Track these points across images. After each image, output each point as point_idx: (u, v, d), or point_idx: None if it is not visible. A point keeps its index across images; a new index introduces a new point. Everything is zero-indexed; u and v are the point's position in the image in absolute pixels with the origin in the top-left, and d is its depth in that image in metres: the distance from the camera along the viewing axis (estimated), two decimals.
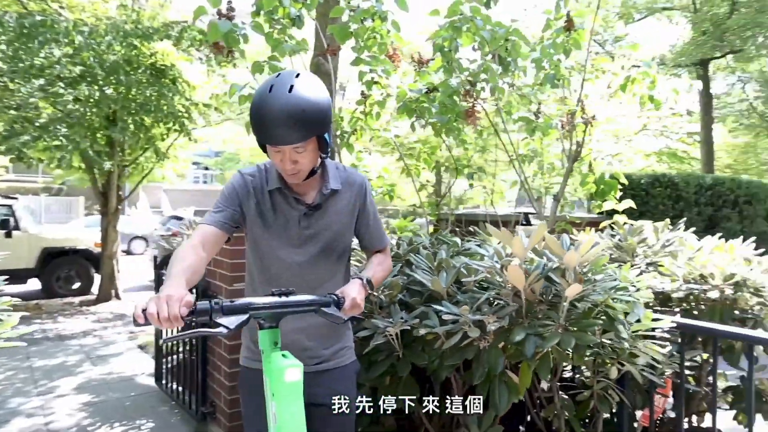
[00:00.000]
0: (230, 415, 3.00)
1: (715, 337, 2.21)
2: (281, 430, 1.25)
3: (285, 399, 1.26)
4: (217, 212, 1.62)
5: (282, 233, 1.65)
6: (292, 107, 1.44)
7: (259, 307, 1.31)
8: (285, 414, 1.25)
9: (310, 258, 1.66)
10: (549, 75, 2.99)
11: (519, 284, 1.74)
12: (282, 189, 1.63)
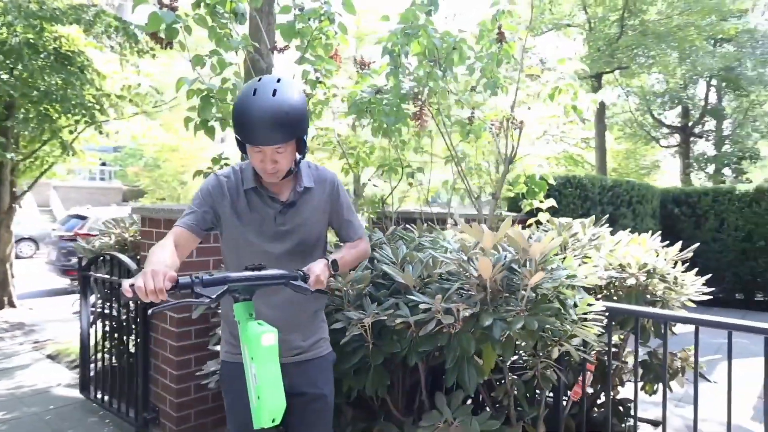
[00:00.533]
0: (178, 418, 2.92)
1: (637, 317, 2.55)
2: (262, 388, 1.34)
3: (263, 360, 1.36)
4: (189, 215, 1.69)
5: (258, 229, 1.71)
6: (276, 110, 1.53)
7: (236, 279, 1.41)
8: (264, 374, 1.35)
9: (285, 252, 1.73)
10: (490, 82, 3.23)
11: (486, 274, 1.91)
12: (257, 188, 1.71)
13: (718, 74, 17.11)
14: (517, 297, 2.02)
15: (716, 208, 7.92)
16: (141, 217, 3.23)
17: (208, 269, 3.03)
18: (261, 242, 1.71)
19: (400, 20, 3.07)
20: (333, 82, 3.67)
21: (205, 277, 1.38)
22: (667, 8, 10.88)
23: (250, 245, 1.71)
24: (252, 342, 1.37)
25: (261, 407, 1.35)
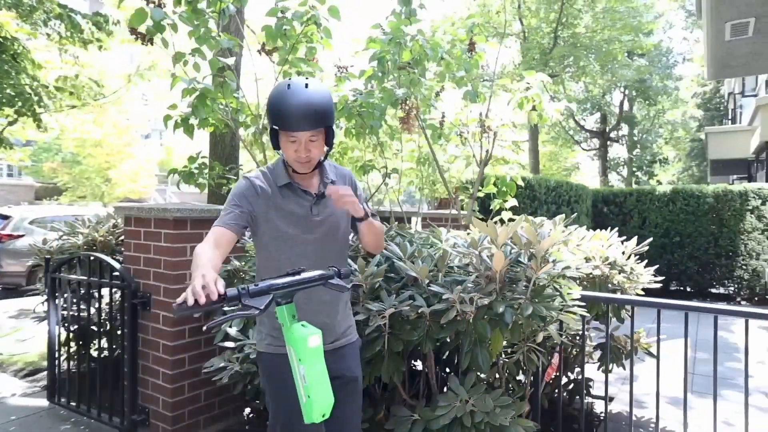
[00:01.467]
0: (173, 418, 2.91)
1: (607, 303, 2.90)
2: (311, 388, 1.45)
3: (311, 361, 1.46)
4: (227, 214, 1.80)
5: (297, 221, 1.85)
6: (310, 99, 1.72)
7: (280, 287, 1.49)
8: (312, 374, 1.45)
9: (321, 240, 1.88)
10: (470, 91, 3.47)
11: (498, 266, 2.13)
12: (291, 183, 1.85)
13: (632, 85, 18.73)
14: (518, 287, 2.26)
15: (639, 207, 8.76)
16: (125, 217, 3.17)
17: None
18: (300, 232, 1.84)
19: (392, 30, 3.23)
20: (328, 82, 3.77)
21: (252, 288, 1.42)
22: (593, 23, 11.85)
23: (290, 237, 1.84)
24: (299, 344, 1.46)
25: (311, 405, 1.44)
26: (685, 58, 24.41)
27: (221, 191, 4.24)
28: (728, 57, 4.48)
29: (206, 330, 1.60)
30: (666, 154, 26.25)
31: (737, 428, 3.29)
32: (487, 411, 2.10)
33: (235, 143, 4.67)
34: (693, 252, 8.37)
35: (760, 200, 8.23)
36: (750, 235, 8.21)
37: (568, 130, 22.14)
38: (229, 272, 2.98)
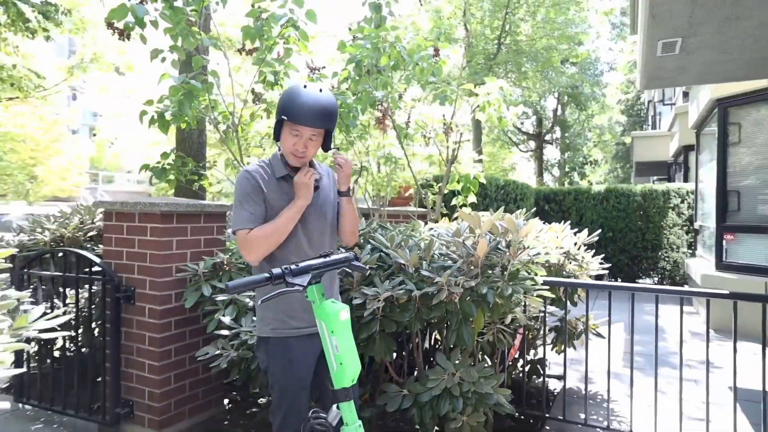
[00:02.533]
0: (161, 408, 2.97)
1: (566, 287, 3.25)
2: (343, 356, 1.64)
3: (342, 333, 1.66)
4: (252, 214, 1.97)
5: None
6: (323, 100, 1.96)
7: (317, 266, 1.69)
8: (344, 344, 1.65)
9: (316, 226, 2.10)
10: (440, 94, 3.74)
11: (481, 253, 2.40)
12: (289, 175, 2.05)
13: (565, 91, 19.91)
14: (494, 271, 2.54)
15: (577, 205, 9.45)
16: (106, 212, 3.17)
17: (186, 260, 3.11)
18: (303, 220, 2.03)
19: (372, 36, 3.43)
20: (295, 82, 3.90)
21: (293, 268, 1.62)
22: (533, 32, 12.59)
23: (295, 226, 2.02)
24: (331, 318, 1.64)
25: (343, 372, 1.64)
26: (611, 67, 26.16)
27: (192, 187, 4.27)
28: (658, 70, 5.02)
29: (261, 302, 1.76)
30: (595, 157, 28.02)
31: (670, 395, 3.75)
32: (473, 381, 2.36)
33: (202, 140, 4.69)
34: (624, 246, 9.14)
35: (679, 198, 9.12)
36: (671, 230, 9.09)
37: (507, 133, 23.17)
38: (214, 265, 3.08)
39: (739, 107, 6.29)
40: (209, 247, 3.26)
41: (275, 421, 2.01)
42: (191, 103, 3.15)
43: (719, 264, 6.35)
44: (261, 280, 1.56)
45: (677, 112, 11.21)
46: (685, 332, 5.79)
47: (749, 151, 6.20)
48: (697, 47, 4.31)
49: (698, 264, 7.25)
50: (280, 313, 2.02)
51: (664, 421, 3.19)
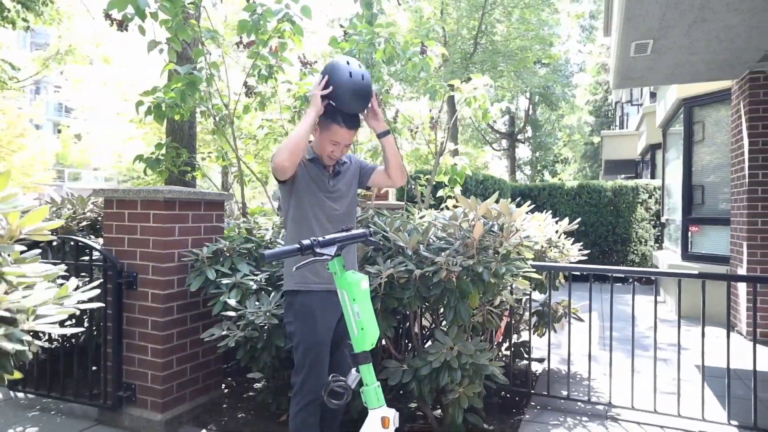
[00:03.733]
0: (163, 391, 3.05)
1: (550, 271, 3.46)
2: (364, 322, 1.80)
3: (363, 300, 1.81)
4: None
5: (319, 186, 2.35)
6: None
7: (341, 239, 1.86)
8: (365, 311, 1.81)
9: (339, 205, 2.38)
10: (430, 89, 3.90)
11: (477, 235, 2.57)
12: (316, 157, 2.38)
13: (536, 91, 20.43)
14: (488, 253, 2.72)
15: (551, 200, 9.79)
16: (106, 200, 3.22)
17: (187, 247, 3.19)
18: (323, 196, 2.33)
19: (366, 33, 3.57)
20: (287, 77, 4.01)
21: (321, 240, 1.79)
22: (509, 32, 12.93)
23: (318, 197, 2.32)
24: (353, 287, 1.80)
25: (364, 336, 1.79)
26: (581, 68, 26.91)
27: (185, 178, 4.33)
28: (630, 70, 5.31)
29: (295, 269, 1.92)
30: (565, 155, 28.77)
31: (644, 374, 4.01)
32: (470, 354, 2.53)
33: (193, 132, 4.74)
34: (595, 240, 9.52)
35: (647, 194, 9.55)
36: (640, 224, 9.51)
37: (481, 131, 23.59)
38: (215, 251, 3.17)
39: (702, 107, 6.67)
40: (209, 235, 3.34)
41: (297, 380, 2.16)
42: (194, 93, 3.22)
43: (684, 254, 6.72)
44: (293, 251, 1.71)
45: (645, 111, 11.69)
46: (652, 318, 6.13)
47: (711, 149, 6.58)
48: (667, 48, 4.60)
49: (665, 255, 7.64)
50: (304, 271, 2.23)
51: (640, 396, 3.43)
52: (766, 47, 4.58)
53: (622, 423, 3.18)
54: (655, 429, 3.09)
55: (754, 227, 5.25)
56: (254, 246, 3.27)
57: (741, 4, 3.71)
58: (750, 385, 3.74)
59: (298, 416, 2.18)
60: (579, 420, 3.23)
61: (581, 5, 22.22)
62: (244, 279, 2.95)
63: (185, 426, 3.14)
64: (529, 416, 3.28)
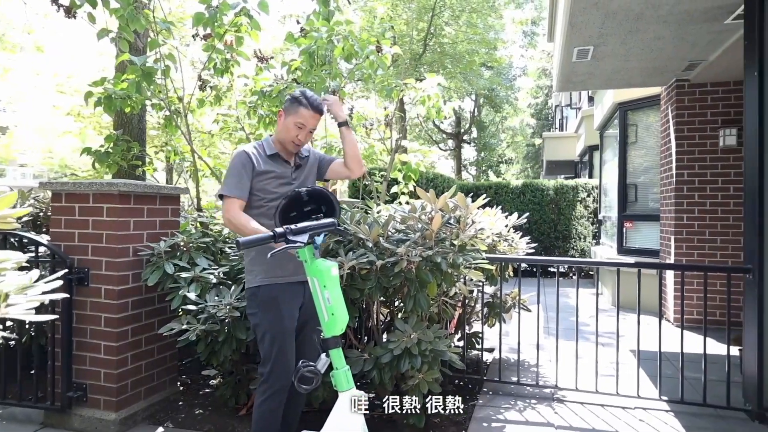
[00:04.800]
0: (118, 389, 2.97)
1: (504, 261, 3.64)
2: (334, 307, 1.87)
3: (334, 286, 1.89)
4: (241, 187, 2.31)
5: (281, 182, 2.40)
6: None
7: (313, 228, 1.93)
8: (335, 297, 1.88)
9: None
10: (386, 87, 3.99)
11: (435, 227, 2.68)
12: (278, 154, 2.42)
13: (481, 93, 21.04)
14: (445, 244, 2.84)
15: (497, 198, 10.14)
16: (54, 193, 3.09)
17: (142, 242, 3.12)
18: (284, 189, 2.36)
19: (328, 29, 3.61)
20: (243, 71, 3.98)
21: (293, 228, 1.85)
22: (456, 35, 13.27)
23: (277, 197, 2.32)
24: (324, 274, 1.87)
25: (334, 321, 1.86)
26: (523, 72, 27.94)
27: (135, 173, 4.21)
28: (573, 75, 5.63)
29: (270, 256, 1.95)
30: (509, 156, 29.78)
31: (587, 359, 4.28)
32: (429, 340, 2.64)
33: (143, 125, 4.59)
34: (538, 236, 9.96)
35: (586, 193, 10.10)
36: (579, 221, 10.04)
37: (428, 131, 24.00)
38: (173, 246, 3.12)
39: (635, 111, 7.16)
40: (165, 229, 3.28)
41: (264, 370, 2.19)
42: (150, 84, 3.15)
43: (620, 249, 7.18)
44: (267, 238, 1.76)
45: (584, 114, 12.33)
46: (591, 308, 6.52)
47: (643, 151, 7.08)
48: (606, 55, 4.92)
49: (602, 250, 8.12)
50: (266, 265, 2.25)
51: (583, 379, 3.67)
52: (690, 57, 4.99)
53: (567, 404, 3.40)
54: (596, 407, 3.33)
55: (681, 222, 5.71)
56: (212, 240, 3.24)
57: (669, 17, 4.04)
58: (677, 365, 4.08)
59: (264, 404, 2.21)
60: (528, 403, 3.42)
61: (524, 12, 23.09)
62: (203, 273, 2.92)
63: (140, 424, 3.07)
64: (483, 401, 3.44)
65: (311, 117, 2.37)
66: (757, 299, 3.10)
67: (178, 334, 2.77)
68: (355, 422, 1.83)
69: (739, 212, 5.50)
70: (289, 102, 2.42)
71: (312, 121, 2.38)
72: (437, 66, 13.25)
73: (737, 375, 3.48)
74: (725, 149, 5.58)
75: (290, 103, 2.41)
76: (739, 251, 5.50)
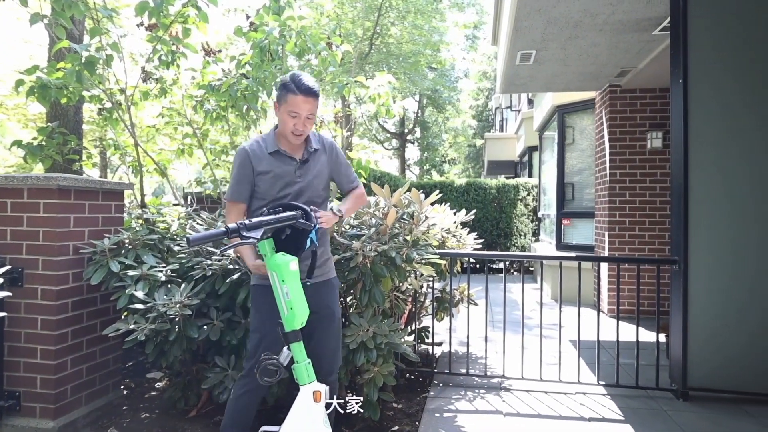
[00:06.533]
0: (56, 395, 2.82)
1: (454, 256, 3.74)
2: (293, 302, 1.86)
3: (292, 281, 1.87)
4: (240, 190, 2.23)
5: (283, 181, 2.23)
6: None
7: (268, 222, 1.88)
8: (293, 291, 1.87)
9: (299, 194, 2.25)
10: (338, 83, 4.00)
11: (389, 222, 2.73)
12: (279, 151, 2.23)
13: (425, 93, 21.39)
14: (399, 239, 2.89)
15: (443, 197, 10.36)
16: None
17: (84, 239, 2.97)
18: (286, 193, 2.22)
19: (279, 24, 3.56)
20: (190, 65, 3.86)
21: (247, 223, 1.79)
22: (402, 36, 13.43)
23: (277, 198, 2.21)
24: (282, 268, 1.85)
25: (293, 316, 1.86)
26: (465, 74, 28.64)
27: (72, 168, 3.99)
28: (515, 77, 5.86)
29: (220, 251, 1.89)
30: (452, 156, 30.43)
31: (531, 350, 4.48)
32: (385, 334, 2.68)
33: (79, 117, 4.34)
34: (482, 234, 10.26)
35: (526, 192, 10.52)
36: (520, 219, 10.44)
37: (373, 130, 24.12)
38: (117, 243, 2.99)
39: (572, 114, 7.54)
40: (108, 226, 3.14)
41: (247, 365, 2.17)
42: (92, 74, 3.00)
43: (558, 245, 7.54)
44: (219, 234, 1.70)
45: (523, 116, 12.82)
46: (533, 302, 6.82)
47: (579, 152, 7.47)
48: (547, 59, 5.16)
49: (542, 247, 8.49)
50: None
51: (528, 368, 3.84)
52: (622, 64, 5.33)
53: (514, 392, 3.55)
54: (541, 394, 3.50)
55: (613, 219, 6.08)
56: (159, 237, 3.14)
57: (605, 26, 4.31)
58: (613, 353, 4.35)
59: (241, 399, 2.19)
60: (478, 393, 3.54)
61: (466, 15, 23.70)
62: (151, 271, 2.82)
63: (82, 431, 2.93)
64: (434, 393, 3.52)
65: (303, 102, 2.10)
66: (682, 288, 3.36)
67: (124, 335, 2.66)
68: (317, 415, 1.84)
69: (665, 209, 5.94)
70: (279, 91, 2.18)
71: (305, 106, 2.11)
72: (383, 65, 13.36)
73: (665, 359, 3.76)
74: (652, 151, 6.00)
75: (280, 92, 2.17)
76: (664, 245, 5.93)
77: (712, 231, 3.33)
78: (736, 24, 3.32)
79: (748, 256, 3.29)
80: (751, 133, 3.30)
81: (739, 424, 2.99)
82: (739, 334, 3.30)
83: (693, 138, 3.35)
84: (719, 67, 3.33)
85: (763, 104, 3.28)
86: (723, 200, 3.32)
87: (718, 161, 3.33)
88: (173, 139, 4.35)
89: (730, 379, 3.32)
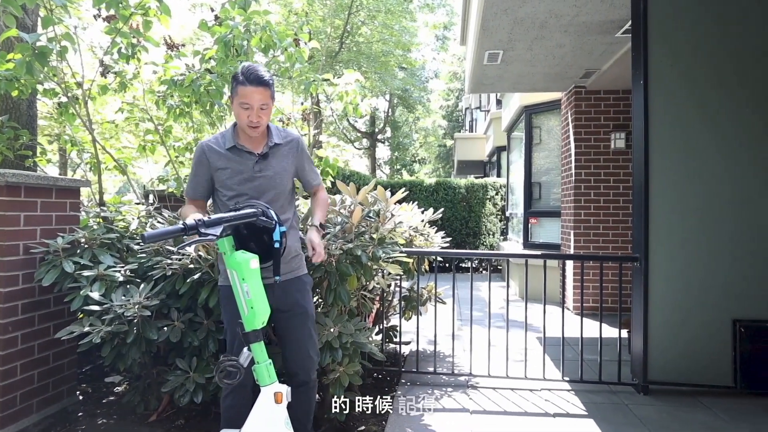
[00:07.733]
0: (3, 403, 2.68)
1: (421, 255, 3.73)
2: (253, 301, 1.81)
3: (252, 280, 1.82)
4: (195, 187, 2.23)
5: (241, 177, 2.17)
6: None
7: (227, 219, 1.84)
8: (254, 290, 1.82)
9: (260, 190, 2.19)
10: (305, 81, 3.94)
11: (355, 220, 2.70)
12: (236, 146, 2.17)
13: (395, 93, 21.43)
14: (365, 237, 2.87)
15: (412, 196, 10.38)
16: None
17: (35, 238, 2.84)
18: (246, 189, 2.16)
19: (244, 18, 3.48)
20: (151, 59, 3.74)
21: (205, 219, 1.75)
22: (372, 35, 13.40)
23: (238, 194, 2.15)
24: (242, 266, 1.80)
25: (254, 315, 1.81)
26: (435, 74, 28.82)
27: (24, 164, 3.82)
28: (483, 77, 5.91)
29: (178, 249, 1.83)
30: (422, 156, 30.60)
31: (498, 347, 4.52)
32: (350, 333, 2.65)
33: (33, 112, 4.15)
34: (451, 233, 10.34)
35: (494, 191, 10.64)
36: (489, 218, 10.56)
37: (342, 129, 24.01)
38: (72, 242, 2.87)
39: (539, 114, 7.66)
40: (62, 225, 3.01)
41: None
42: (44, 66, 2.86)
43: (526, 243, 7.65)
44: (176, 231, 1.64)
45: (492, 117, 12.97)
46: (500, 300, 6.90)
47: (546, 152, 7.60)
48: (514, 59, 5.22)
49: (509, 245, 8.61)
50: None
51: (495, 366, 3.87)
52: (587, 66, 5.43)
53: (480, 389, 3.57)
54: (507, 391, 3.53)
55: (579, 218, 6.20)
56: (118, 237, 3.02)
57: (570, 27, 4.38)
58: (577, 349, 4.43)
59: (227, 399, 2.17)
60: (445, 391, 3.54)
61: (436, 16, 23.85)
62: (108, 271, 2.72)
63: None
64: (401, 392, 3.51)
65: (253, 92, 2.05)
66: (643, 285, 3.44)
67: (79, 338, 2.55)
68: (278, 416, 1.80)
69: (627, 208, 6.09)
70: (231, 84, 2.17)
71: (256, 96, 2.05)
72: (353, 64, 13.31)
73: (627, 355, 3.85)
74: (616, 151, 6.14)
75: (231, 85, 2.14)
76: (627, 243, 6.08)
77: (671, 229, 3.42)
78: (695, 27, 3.41)
79: (703, 254, 3.39)
80: (707, 134, 3.40)
81: (695, 416, 3.08)
82: (695, 329, 3.40)
83: (653, 139, 3.44)
84: (678, 70, 3.42)
85: (717, 107, 3.39)
86: (682, 200, 3.41)
87: (678, 161, 3.42)
88: (136, 136, 4.21)
89: (688, 373, 3.42)
